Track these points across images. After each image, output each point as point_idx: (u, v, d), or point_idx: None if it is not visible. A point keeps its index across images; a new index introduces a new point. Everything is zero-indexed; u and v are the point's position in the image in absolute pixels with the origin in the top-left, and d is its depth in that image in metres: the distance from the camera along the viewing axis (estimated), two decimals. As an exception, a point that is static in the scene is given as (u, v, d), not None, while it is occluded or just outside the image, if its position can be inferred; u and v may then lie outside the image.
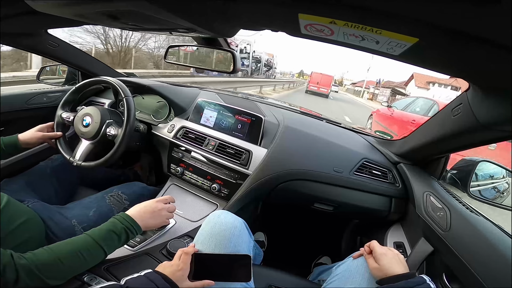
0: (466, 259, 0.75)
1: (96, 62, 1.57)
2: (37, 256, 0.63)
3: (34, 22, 0.95)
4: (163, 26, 0.67)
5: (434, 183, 1.06)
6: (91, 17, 0.63)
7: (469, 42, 0.41)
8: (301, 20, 0.45)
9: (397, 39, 0.42)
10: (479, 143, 0.81)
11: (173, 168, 1.31)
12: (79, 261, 0.68)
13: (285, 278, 0.98)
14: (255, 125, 1.25)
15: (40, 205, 0.99)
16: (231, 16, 0.58)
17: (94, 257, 0.71)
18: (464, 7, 0.33)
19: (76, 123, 1.18)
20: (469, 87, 0.69)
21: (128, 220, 0.79)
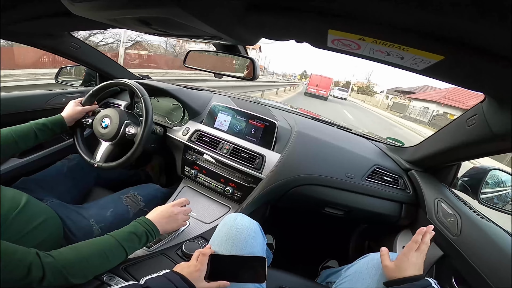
0: (476, 263, 0.77)
1: (114, 65, 1.60)
2: (63, 255, 0.64)
3: (61, 23, 0.97)
4: (190, 32, 0.70)
5: (445, 190, 1.08)
6: (123, 21, 0.66)
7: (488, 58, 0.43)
8: (329, 35, 0.47)
9: (423, 56, 0.44)
10: (492, 152, 0.83)
11: (187, 170, 1.33)
12: (102, 261, 0.70)
13: (295, 280, 1.00)
14: (268, 130, 1.27)
15: (58, 204, 1.01)
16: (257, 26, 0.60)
17: (117, 258, 0.74)
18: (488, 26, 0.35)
19: (96, 125, 1.21)
20: (485, 99, 0.71)
21: (149, 224, 0.83)
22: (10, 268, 0.54)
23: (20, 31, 1.04)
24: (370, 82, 68.85)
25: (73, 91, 1.55)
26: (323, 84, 21.99)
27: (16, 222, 0.79)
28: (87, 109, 1.23)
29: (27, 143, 1.02)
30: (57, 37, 1.25)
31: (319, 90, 21.75)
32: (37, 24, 0.97)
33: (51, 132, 1.09)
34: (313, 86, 22.07)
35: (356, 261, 0.89)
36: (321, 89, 21.80)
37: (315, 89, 21.82)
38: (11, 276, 0.54)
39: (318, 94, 21.69)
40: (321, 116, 1.71)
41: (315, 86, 21.92)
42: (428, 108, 22.25)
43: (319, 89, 21.79)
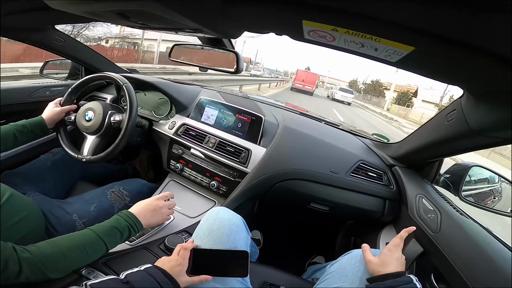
0: (454, 260, 0.77)
1: (100, 58, 1.58)
2: (41, 250, 0.63)
3: (44, 17, 0.96)
4: (170, 25, 0.69)
5: (427, 186, 1.09)
6: (102, 15, 0.65)
7: (463, 50, 0.43)
8: (304, 27, 0.47)
9: (394, 47, 0.44)
10: (470, 148, 0.83)
11: (172, 164, 1.33)
12: (81, 256, 0.69)
13: (280, 276, 1.00)
14: (255, 124, 1.27)
15: (41, 198, 1.00)
16: (236, 18, 0.60)
17: (96, 252, 0.73)
18: (458, 17, 0.35)
19: (79, 119, 1.19)
20: (463, 94, 0.72)
21: (131, 218, 0.82)
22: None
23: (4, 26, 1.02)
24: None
25: (58, 84, 1.53)
26: (309, 79, 22.95)
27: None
28: (66, 109, 1.21)
29: (7, 146, 1.01)
30: (42, 31, 1.23)
31: (305, 85, 22.58)
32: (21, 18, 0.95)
33: (31, 134, 1.08)
34: (299, 82, 22.92)
35: (340, 258, 0.90)
36: (306, 84, 22.64)
37: (301, 84, 22.65)
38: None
39: (304, 89, 22.50)
40: (310, 112, 1.72)
41: (301, 82, 22.80)
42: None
43: (305, 84, 22.61)
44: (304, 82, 22.72)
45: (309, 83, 22.77)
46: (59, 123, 1.20)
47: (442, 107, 1.09)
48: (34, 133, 1.08)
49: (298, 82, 22.96)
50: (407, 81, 48.00)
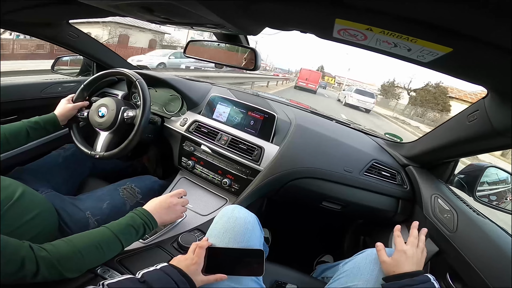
0: (472, 260, 0.77)
1: (112, 54, 1.58)
2: (58, 248, 0.63)
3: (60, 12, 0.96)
4: (192, 20, 0.68)
5: (442, 186, 1.08)
6: (125, 8, 0.64)
7: (494, 52, 0.43)
8: (336, 25, 0.46)
9: (430, 48, 0.43)
10: (492, 149, 0.83)
11: (184, 161, 1.32)
12: (98, 254, 0.69)
13: (291, 274, 1.00)
14: (267, 122, 1.26)
15: (53, 195, 1.00)
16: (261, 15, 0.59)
17: (112, 250, 0.72)
18: (491, 19, 0.35)
19: (92, 115, 1.19)
20: (487, 94, 0.71)
21: (146, 216, 0.81)
22: (2, 262, 0.52)
23: (19, 21, 1.02)
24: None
25: (70, 80, 1.53)
26: (312, 78, 22.91)
27: (10, 213, 0.76)
28: (79, 105, 1.20)
29: (19, 142, 1.00)
30: (56, 27, 1.22)
31: (308, 84, 22.52)
32: (36, 13, 0.95)
33: (44, 131, 1.07)
34: (302, 80, 22.88)
35: (354, 256, 0.89)
36: (310, 82, 22.59)
37: (305, 83, 22.60)
38: (4, 270, 0.52)
39: (308, 88, 22.45)
40: (320, 111, 1.71)
41: (305, 80, 22.75)
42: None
43: (308, 83, 22.55)
44: (307, 81, 22.62)
45: (312, 82, 22.65)
46: (71, 119, 1.19)
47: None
48: (46, 129, 1.08)
49: (302, 80, 22.86)
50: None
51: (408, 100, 30.03)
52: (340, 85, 60.96)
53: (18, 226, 0.77)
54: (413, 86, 31.42)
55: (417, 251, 0.79)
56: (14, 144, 0.98)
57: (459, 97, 24.77)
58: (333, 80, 68.78)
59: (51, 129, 1.10)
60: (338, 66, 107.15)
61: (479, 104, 0.76)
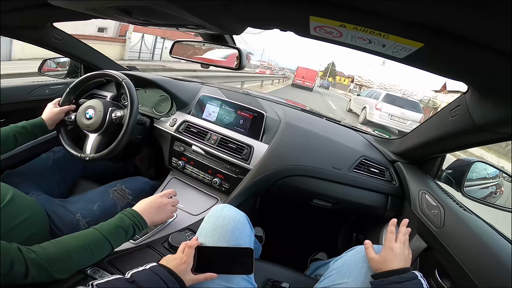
0: (458, 256, 0.78)
1: (99, 56, 1.57)
2: (46, 250, 0.63)
3: (43, 15, 0.95)
4: (173, 21, 0.68)
5: (429, 181, 1.09)
6: (103, 11, 0.64)
7: (470, 47, 0.43)
8: (311, 22, 0.47)
9: (403, 43, 0.44)
10: (474, 144, 0.84)
11: (174, 161, 1.32)
12: (87, 255, 0.69)
13: (283, 273, 1.00)
14: (256, 120, 1.27)
15: (44, 198, 0.99)
16: (240, 14, 0.59)
17: (101, 251, 0.72)
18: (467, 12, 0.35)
19: (79, 117, 1.18)
20: (468, 90, 0.71)
21: (136, 216, 0.81)
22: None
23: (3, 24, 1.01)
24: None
25: (57, 82, 1.52)
26: (309, 76, 23.42)
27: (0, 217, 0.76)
28: (65, 109, 1.19)
29: (8, 147, 1.00)
30: (40, 29, 1.22)
31: (305, 82, 22.99)
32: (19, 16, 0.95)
33: (32, 135, 1.07)
34: (299, 78, 23.35)
35: (344, 254, 0.90)
36: (306, 80, 23.07)
37: (301, 81, 23.07)
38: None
39: (304, 85, 22.86)
40: (310, 108, 1.72)
41: (301, 78, 23.24)
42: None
43: (305, 81, 23.05)
44: (304, 79, 23.08)
45: (308, 80, 23.15)
46: (59, 123, 1.19)
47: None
48: (34, 134, 1.07)
49: (299, 78, 23.32)
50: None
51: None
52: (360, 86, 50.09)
53: (8, 229, 0.77)
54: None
55: (404, 248, 0.79)
56: (2, 149, 0.98)
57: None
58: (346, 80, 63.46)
59: (38, 134, 1.09)
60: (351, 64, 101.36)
61: (460, 100, 0.76)
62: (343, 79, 65.53)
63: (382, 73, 62.70)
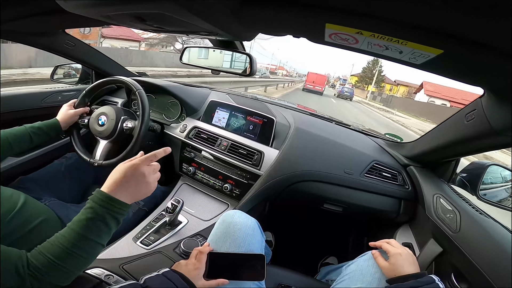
0: (475, 260, 0.76)
1: (110, 62, 1.59)
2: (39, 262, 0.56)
3: (55, 21, 0.96)
4: (185, 28, 0.69)
5: (444, 185, 1.08)
6: (117, 18, 0.65)
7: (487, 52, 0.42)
8: (327, 29, 0.46)
9: (421, 50, 0.43)
10: (491, 148, 0.82)
11: (185, 167, 1.33)
12: (76, 260, 0.59)
13: (294, 277, 1.00)
14: (266, 126, 1.27)
15: (57, 203, 1.00)
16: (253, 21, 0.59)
17: (90, 252, 0.61)
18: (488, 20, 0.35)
19: (92, 123, 1.20)
20: (484, 93, 0.70)
21: (106, 201, 0.62)
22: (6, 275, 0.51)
23: (14, 30, 1.03)
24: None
25: (69, 89, 1.54)
26: (319, 81, 24.64)
27: (13, 223, 0.77)
28: (80, 111, 1.21)
29: (22, 147, 1.01)
30: (52, 35, 1.23)
31: (315, 86, 24.22)
32: (31, 23, 0.96)
33: (47, 136, 1.08)
34: (310, 83, 24.63)
35: (356, 259, 0.89)
36: (317, 85, 24.28)
37: (312, 85, 24.28)
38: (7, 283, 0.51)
39: (315, 90, 23.99)
40: (320, 112, 1.71)
41: (312, 83, 24.50)
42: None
43: (315, 85, 24.26)
44: (314, 83, 24.25)
45: (319, 84, 24.28)
46: (72, 125, 1.20)
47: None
48: (49, 135, 1.08)
49: (309, 83, 24.57)
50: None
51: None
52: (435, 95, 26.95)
53: (22, 234, 0.78)
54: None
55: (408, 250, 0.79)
56: (16, 149, 0.98)
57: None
58: (395, 89, 44.03)
59: (53, 134, 1.10)
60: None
61: (476, 103, 0.75)
62: (395, 88, 45.15)
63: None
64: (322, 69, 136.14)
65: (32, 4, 0.80)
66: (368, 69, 46.92)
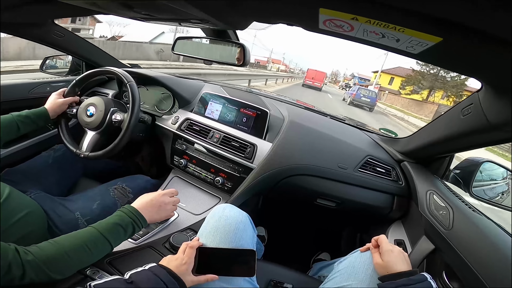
0: (468, 258, 0.75)
1: (101, 53, 1.55)
2: (44, 251, 0.61)
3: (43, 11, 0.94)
4: (175, 16, 0.67)
5: (437, 182, 1.07)
6: (104, 6, 0.62)
7: (489, 43, 0.41)
8: (321, 15, 0.44)
9: (419, 38, 0.41)
10: (487, 143, 0.81)
11: (176, 160, 1.31)
12: (85, 255, 0.67)
13: (286, 273, 0.99)
14: (260, 119, 1.25)
15: (43, 196, 0.98)
16: (245, 8, 0.57)
17: (100, 251, 0.71)
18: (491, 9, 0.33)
19: (80, 114, 1.17)
20: (481, 88, 0.69)
21: (135, 214, 0.79)
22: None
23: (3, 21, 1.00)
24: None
25: (58, 80, 1.51)
26: (318, 77, 25.48)
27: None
28: (69, 100, 1.19)
29: (9, 135, 0.99)
30: (41, 26, 1.20)
31: (314, 82, 25.07)
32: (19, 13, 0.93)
33: (34, 124, 1.06)
34: (309, 79, 25.51)
35: (349, 255, 0.88)
36: (316, 81, 25.15)
37: (311, 81, 25.16)
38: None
39: (313, 85, 24.88)
40: (315, 107, 1.69)
41: (311, 79, 25.38)
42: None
43: (314, 81, 25.12)
44: (313, 80, 25.19)
45: (317, 81, 25.19)
46: (60, 115, 1.18)
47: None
48: (36, 124, 1.06)
49: (309, 79, 25.52)
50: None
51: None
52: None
53: (6, 227, 0.76)
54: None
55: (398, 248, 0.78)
56: (4, 137, 0.97)
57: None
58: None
59: (41, 123, 1.08)
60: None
61: (473, 98, 0.74)
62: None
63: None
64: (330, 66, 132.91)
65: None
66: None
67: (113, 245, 0.73)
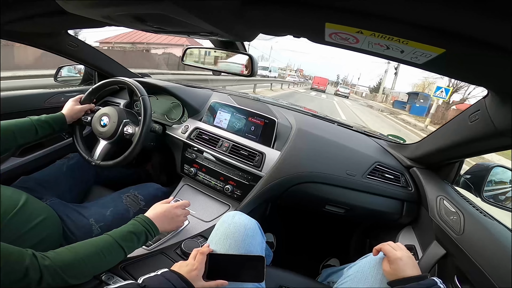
0: (480, 262, 0.75)
1: (113, 63, 1.60)
2: (61, 256, 0.63)
3: (58, 22, 0.97)
4: (186, 29, 0.69)
5: (447, 187, 1.06)
6: (118, 19, 0.65)
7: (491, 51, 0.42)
8: (327, 29, 0.46)
9: (423, 49, 0.42)
10: (495, 149, 0.81)
11: (186, 168, 1.33)
12: (100, 261, 0.69)
13: (295, 279, 0.99)
14: (268, 127, 1.26)
15: (57, 202, 1.00)
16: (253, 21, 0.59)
17: (115, 258, 0.73)
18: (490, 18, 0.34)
19: (94, 123, 1.21)
20: (488, 94, 0.69)
21: (148, 223, 0.82)
22: (6, 270, 0.53)
23: (17, 31, 1.04)
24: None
25: (72, 90, 1.55)
26: (322, 82, 34.09)
27: (14, 221, 0.78)
28: (85, 107, 1.22)
29: (26, 139, 1.00)
30: (55, 36, 1.24)
31: (320, 86, 33.27)
32: (34, 24, 0.97)
33: (51, 129, 1.08)
34: (315, 84, 33.98)
35: (358, 261, 0.88)
36: (321, 85, 33.39)
37: (317, 85, 33.43)
38: (9, 278, 0.53)
39: (319, 88, 32.89)
40: (322, 114, 1.70)
41: (317, 84, 33.75)
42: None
43: (320, 86, 33.37)
44: (319, 84, 33.46)
45: (322, 85, 33.37)
46: (75, 121, 1.21)
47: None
48: (53, 128, 1.08)
49: (315, 84, 34.01)
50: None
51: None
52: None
53: (22, 233, 0.79)
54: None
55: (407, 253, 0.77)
56: (21, 141, 0.98)
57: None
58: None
59: (57, 128, 1.10)
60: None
61: (480, 104, 0.74)
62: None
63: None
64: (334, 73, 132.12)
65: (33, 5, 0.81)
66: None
67: (127, 252, 0.75)
